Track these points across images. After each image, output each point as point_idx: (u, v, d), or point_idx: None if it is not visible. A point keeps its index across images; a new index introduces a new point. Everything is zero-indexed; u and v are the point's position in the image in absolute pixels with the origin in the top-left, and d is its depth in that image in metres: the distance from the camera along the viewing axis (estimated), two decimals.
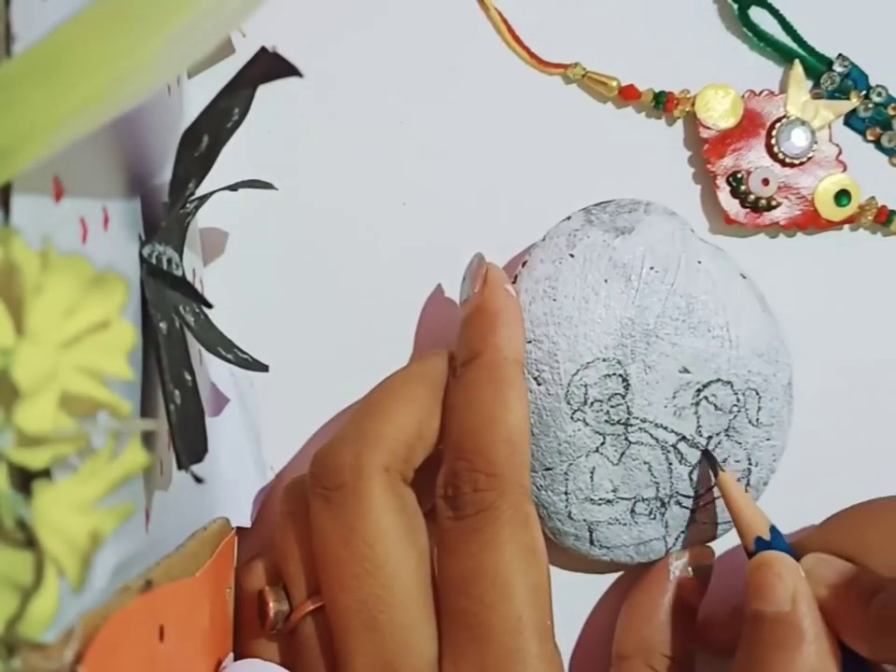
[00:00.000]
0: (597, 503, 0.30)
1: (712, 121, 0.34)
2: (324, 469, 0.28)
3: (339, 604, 0.27)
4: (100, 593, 0.19)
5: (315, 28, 0.34)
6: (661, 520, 0.31)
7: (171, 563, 0.23)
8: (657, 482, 0.30)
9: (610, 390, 0.29)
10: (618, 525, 0.30)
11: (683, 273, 0.30)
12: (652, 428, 0.30)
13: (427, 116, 0.34)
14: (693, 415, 0.30)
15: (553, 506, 0.30)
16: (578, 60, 0.34)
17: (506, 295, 0.29)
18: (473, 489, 0.27)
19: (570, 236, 0.30)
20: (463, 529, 0.27)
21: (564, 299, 0.29)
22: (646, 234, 0.30)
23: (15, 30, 0.17)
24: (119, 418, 0.17)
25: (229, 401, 0.31)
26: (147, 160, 0.25)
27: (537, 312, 0.30)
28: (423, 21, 0.34)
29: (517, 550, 0.26)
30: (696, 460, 0.30)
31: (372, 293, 0.34)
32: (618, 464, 0.30)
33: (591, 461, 0.30)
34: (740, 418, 0.30)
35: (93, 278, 0.16)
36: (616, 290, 0.29)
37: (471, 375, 0.28)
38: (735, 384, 0.30)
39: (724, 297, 0.30)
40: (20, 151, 0.16)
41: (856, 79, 0.34)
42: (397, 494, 0.27)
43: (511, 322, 0.29)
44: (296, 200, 0.33)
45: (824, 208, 0.34)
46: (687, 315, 0.29)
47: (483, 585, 0.26)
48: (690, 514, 0.31)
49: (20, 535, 0.16)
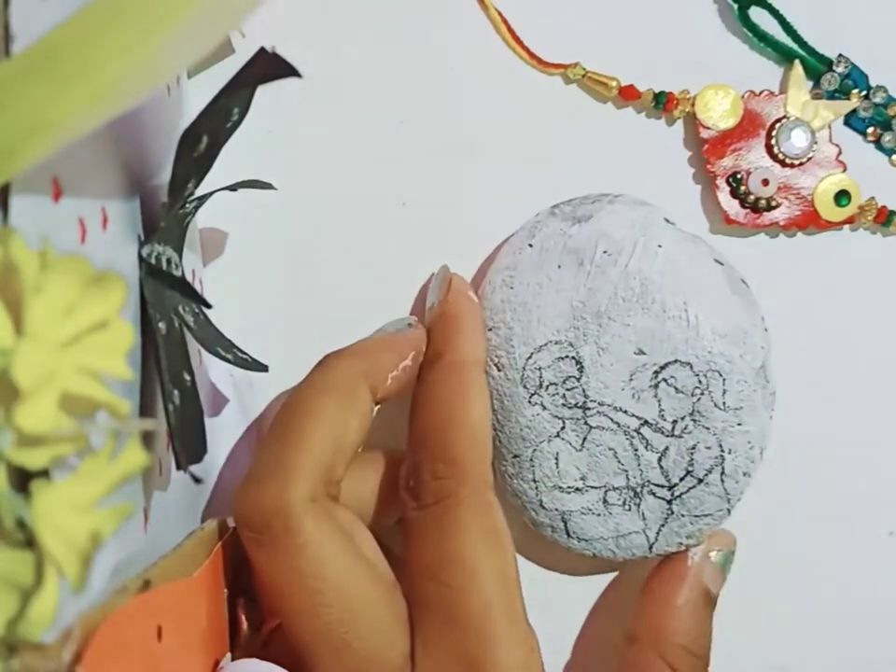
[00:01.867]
0: (566, 491, 0.30)
1: (712, 122, 0.34)
2: (249, 514, 0.26)
3: (303, 638, 0.26)
4: (98, 593, 0.19)
5: (315, 28, 0.34)
6: (637, 511, 0.30)
7: (168, 563, 0.23)
8: (625, 469, 0.30)
9: (564, 373, 0.30)
10: (591, 516, 0.30)
11: (638, 255, 0.30)
12: (612, 412, 0.30)
13: (427, 116, 0.34)
14: (654, 398, 0.30)
15: (525, 494, 0.31)
16: (578, 60, 0.34)
17: (468, 301, 0.31)
18: (433, 477, 0.28)
19: (532, 228, 0.31)
20: (426, 518, 0.27)
21: (520, 286, 0.30)
22: (603, 221, 0.30)
23: (14, 30, 0.17)
24: (119, 418, 0.17)
25: (228, 401, 0.31)
26: (146, 160, 0.25)
27: (495, 300, 0.31)
28: (423, 20, 0.34)
29: (480, 534, 0.27)
30: (664, 447, 0.30)
31: (372, 293, 0.34)
32: (581, 449, 0.30)
33: (553, 446, 0.30)
34: (704, 401, 0.29)
35: (92, 278, 0.16)
36: (569, 275, 0.30)
37: (434, 376, 0.29)
38: (695, 365, 0.29)
39: (684, 278, 0.30)
40: (18, 151, 0.16)
41: (856, 80, 0.34)
42: (329, 518, 0.26)
43: (473, 326, 0.30)
44: (296, 200, 0.33)
45: (824, 208, 0.34)
46: (640, 297, 0.29)
47: (450, 571, 0.27)
48: (667, 506, 0.30)
49: (19, 535, 0.16)
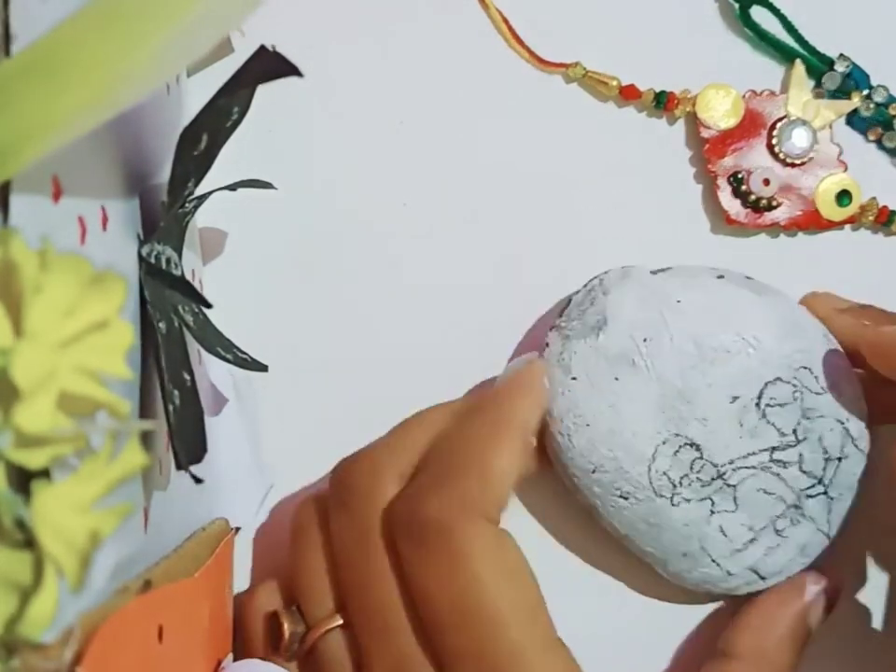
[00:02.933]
0: (744, 549, 0.30)
1: (713, 121, 0.34)
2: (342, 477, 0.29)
3: (359, 605, 0.28)
4: (99, 593, 0.19)
5: (315, 28, 0.34)
6: (805, 519, 0.30)
7: (170, 563, 0.23)
8: (779, 496, 0.30)
9: (687, 461, 0.29)
10: (774, 551, 0.30)
11: (672, 322, 0.29)
12: (743, 461, 0.30)
13: (427, 116, 0.34)
14: (767, 425, 0.30)
15: (710, 576, 0.31)
16: (578, 60, 0.34)
17: (540, 381, 0.30)
18: (437, 511, 0.27)
19: (560, 361, 0.30)
20: (430, 559, 0.27)
21: (594, 418, 0.29)
22: (619, 315, 0.30)
23: (14, 30, 0.17)
24: (118, 418, 0.17)
25: (228, 401, 0.31)
26: (145, 159, 0.25)
27: (580, 443, 0.29)
28: (423, 20, 0.34)
29: (493, 574, 0.26)
30: (798, 455, 0.30)
31: (372, 293, 0.34)
32: (737, 509, 0.30)
33: (714, 524, 0.30)
34: (807, 398, 0.30)
35: (92, 278, 0.16)
36: (630, 381, 0.29)
37: (473, 416, 0.29)
38: (783, 375, 0.30)
39: (719, 312, 0.30)
40: (18, 151, 0.16)
41: (857, 79, 0.34)
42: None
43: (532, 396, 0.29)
44: (296, 200, 0.33)
45: (825, 208, 0.34)
46: (701, 355, 0.29)
47: (470, 621, 0.26)
48: (825, 497, 0.30)
49: (19, 535, 0.16)
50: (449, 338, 0.34)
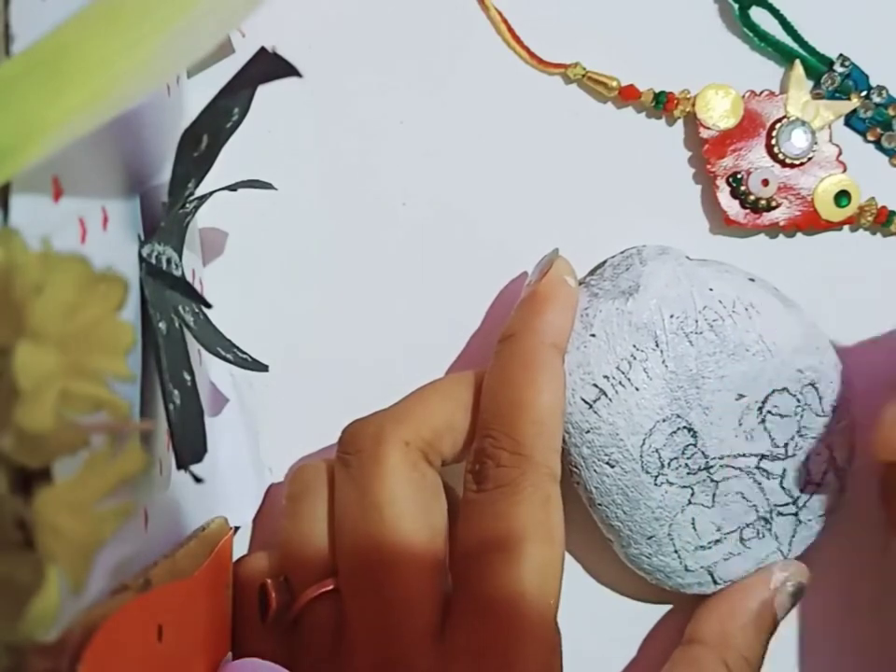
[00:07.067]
0: (707, 547, 0.30)
1: (712, 122, 0.34)
2: (349, 436, 0.29)
3: (348, 565, 0.28)
4: (98, 593, 0.19)
5: (315, 28, 0.34)
6: (770, 535, 0.31)
7: (169, 563, 0.23)
8: (754, 505, 0.30)
9: (681, 444, 0.29)
10: (733, 558, 0.31)
11: (701, 306, 0.30)
12: (732, 461, 0.30)
13: (427, 116, 0.34)
14: (763, 432, 0.30)
15: (668, 567, 0.31)
16: (578, 60, 0.34)
17: (563, 286, 0.30)
18: (497, 465, 0.27)
19: (583, 317, 0.30)
20: (482, 501, 0.27)
21: (603, 380, 0.29)
22: (652, 286, 0.30)
23: (14, 30, 0.17)
24: (119, 418, 0.17)
25: (228, 401, 0.31)
26: (146, 159, 0.25)
27: (581, 401, 0.30)
28: (423, 20, 0.34)
29: (533, 527, 0.27)
30: (782, 470, 0.30)
31: (372, 293, 0.34)
32: (713, 506, 0.30)
33: (687, 514, 0.30)
34: (807, 416, 0.30)
35: (93, 278, 0.16)
36: (649, 351, 0.29)
37: (505, 355, 0.29)
38: (791, 387, 0.30)
39: (747, 309, 0.30)
40: (19, 151, 0.16)
41: (857, 80, 0.34)
42: (414, 467, 0.28)
43: (559, 309, 0.29)
44: (296, 200, 0.33)
45: (824, 209, 0.34)
46: (721, 346, 0.30)
47: (494, 555, 0.27)
48: (794, 519, 0.31)
49: (19, 535, 0.16)
50: (449, 338, 0.34)
